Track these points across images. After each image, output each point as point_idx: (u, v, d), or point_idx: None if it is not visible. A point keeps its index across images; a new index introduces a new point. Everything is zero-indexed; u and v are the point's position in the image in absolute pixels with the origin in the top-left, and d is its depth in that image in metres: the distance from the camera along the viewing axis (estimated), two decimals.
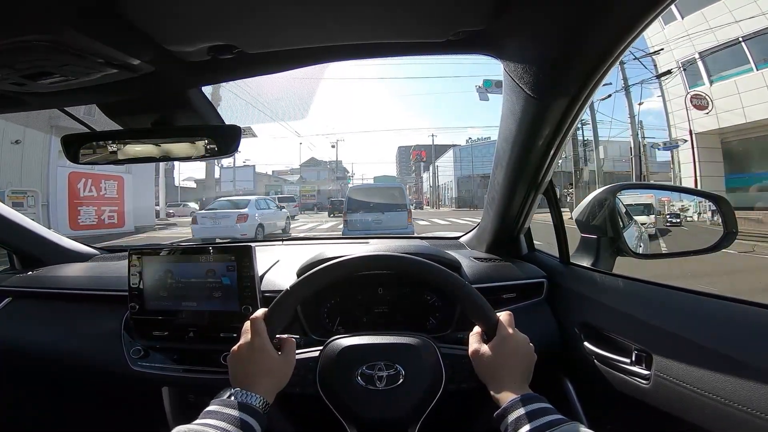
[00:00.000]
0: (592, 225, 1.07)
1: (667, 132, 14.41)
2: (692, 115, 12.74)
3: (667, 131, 14.17)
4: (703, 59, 12.63)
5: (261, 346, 0.65)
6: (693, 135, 12.89)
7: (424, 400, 0.72)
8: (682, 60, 13.06)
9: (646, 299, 0.82)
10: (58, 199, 10.58)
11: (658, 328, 0.74)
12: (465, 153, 39.71)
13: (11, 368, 1.17)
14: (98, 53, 0.55)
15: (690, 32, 12.24)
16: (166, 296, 0.96)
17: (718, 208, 1.00)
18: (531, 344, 0.70)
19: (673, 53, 13.06)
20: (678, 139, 13.61)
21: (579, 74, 0.61)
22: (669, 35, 12.85)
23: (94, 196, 11.42)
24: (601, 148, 16.21)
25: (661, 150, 14.69)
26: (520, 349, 0.68)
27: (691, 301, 0.75)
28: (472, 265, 1.09)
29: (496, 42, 0.63)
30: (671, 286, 0.81)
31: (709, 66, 12.61)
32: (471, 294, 0.71)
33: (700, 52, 12.57)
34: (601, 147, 16.15)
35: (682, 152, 13.57)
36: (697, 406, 0.63)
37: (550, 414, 0.58)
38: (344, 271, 0.73)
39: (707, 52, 12.41)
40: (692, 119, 12.79)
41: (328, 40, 0.63)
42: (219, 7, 0.52)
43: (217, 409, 0.59)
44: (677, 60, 13.14)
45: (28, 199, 9.49)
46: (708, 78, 12.66)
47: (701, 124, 12.71)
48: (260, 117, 1.10)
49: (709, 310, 0.72)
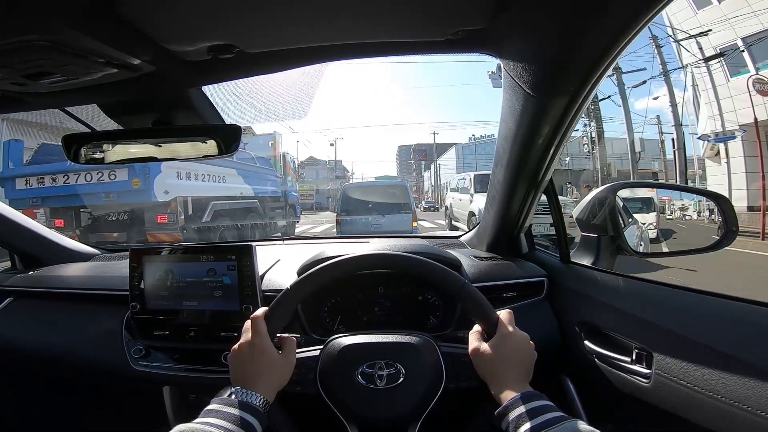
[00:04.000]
0: (592, 224, 1.07)
1: (701, 123, 13.05)
2: (755, 100, 11.27)
3: (719, 121, 12.44)
4: (748, 45, 11.60)
5: (261, 345, 0.66)
6: (758, 124, 11.38)
7: (424, 399, 0.73)
8: (721, 46, 11.98)
9: (647, 298, 0.82)
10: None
11: (658, 326, 0.74)
12: (468, 151, 38.60)
13: (13, 368, 1.18)
14: (98, 53, 0.56)
15: (729, 17, 11.28)
16: (167, 296, 0.96)
17: (719, 207, 1.00)
18: (531, 342, 0.70)
19: (709, 39, 12.01)
20: (734, 129, 12.02)
21: (578, 73, 0.61)
22: (703, 20, 11.93)
23: None
24: (638, 141, 14.48)
25: (711, 141, 12.85)
26: (520, 347, 0.68)
27: (692, 300, 0.75)
28: (473, 264, 1.09)
29: (496, 41, 0.63)
30: (672, 285, 0.81)
31: (754, 53, 11.60)
32: (471, 292, 0.71)
33: (743, 38, 11.57)
34: (637, 139, 14.47)
35: (732, 145, 12.23)
36: (698, 404, 0.64)
37: (551, 411, 0.58)
38: (344, 270, 0.74)
39: (754, 37, 11.32)
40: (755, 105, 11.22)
41: (327, 40, 0.63)
42: (219, 6, 0.52)
43: (217, 407, 0.59)
44: (714, 46, 12.10)
45: None
46: (754, 65, 11.67)
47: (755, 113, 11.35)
48: (259, 116, 1.10)
49: (710, 309, 0.72)
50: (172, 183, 6.45)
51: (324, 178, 41.78)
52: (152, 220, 6.42)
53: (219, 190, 7.76)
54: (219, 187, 7.79)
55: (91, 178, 6.10)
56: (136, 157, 0.82)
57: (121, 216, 6.64)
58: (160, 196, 6.17)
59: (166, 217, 6.44)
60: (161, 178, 6.20)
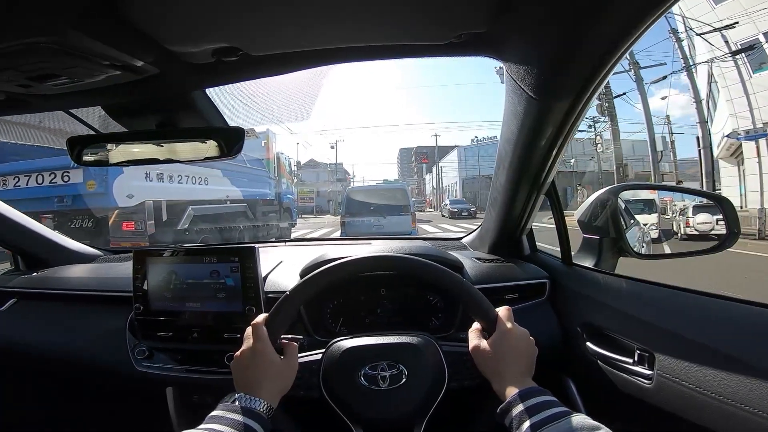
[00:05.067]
0: (594, 225, 1.07)
1: (717, 122, 12.11)
2: None
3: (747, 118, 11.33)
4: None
5: (263, 352, 0.66)
6: None
7: (428, 399, 0.73)
8: (741, 41, 11.34)
9: (649, 299, 0.82)
10: None
11: (660, 328, 0.74)
12: (470, 153, 37.27)
13: (16, 368, 1.18)
14: (102, 55, 0.56)
15: (749, 11, 10.68)
16: (171, 297, 0.96)
17: (721, 209, 1.00)
18: (531, 338, 0.70)
19: (729, 34, 11.35)
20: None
21: (580, 75, 0.61)
22: (721, 15, 11.34)
23: None
24: (659, 139, 13.84)
25: (742, 140, 11.78)
26: (520, 343, 0.68)
27: (693, 302, 0.75)
28: (475, 266, 1.09)
29: (498, 44, 0.63)
30: (673, 287, 0.81)
31: None
32: (469, 291, 0.72)
33: (766, 32, 10.92)
34: (659, 137, 13.79)
35: (747, 145, 11.51)
36: (700, 405, 0.64)
37: (554, 407, 0.58)
38: (344, 273, 0.74)
39: None
40: None
41: (330, 43, 0.63)
42: (222, 9, 0.52)
43: (221, 413, 0.59)
44: (735, 41, 11.47)
45: None
46: None
47: None
48: (262, 119, 1.10)
49: (711, 311, 0.72)
50: (139, 185, 5.71)
51: (325, 181, 41.06)
52: (117, 227, 5.64)
53: (200, 192, 6.99)
54: (200, 190, 7.03)
55: (42, 180, 5.36)
56: (140, 159, 0.83)
57: (85, 223, 5.70)
58: (121, 201, 5.43)
59: (133, 224, 5.64)
60: (123, 180, 5.44)
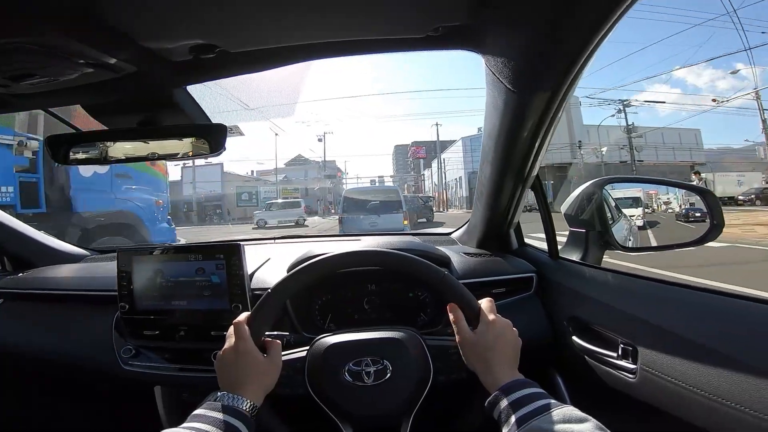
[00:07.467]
0: (580, 219, 1.08)
1: None
2: None
3: None
4: None
5: (245, 350, 0.66)
6: None
7: (414, 393, 0.73)
8: None
9: (633, 292, 0.83)
10: None
11: (643, 321, 0.74)
12: (476, 143, 35.85)
13: (2, 369, 1.17)
14: (77, 53, 0.56)
15: None
16: (157, 296, 0.96)
17: (705, 202, 1.01)
18: (515, 329, 0.70)
19: None
20: None
21: (559, 67, 0.61)
22: None
23: None
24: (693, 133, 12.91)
25: None
26: (505, 334, 0.68)
27: (677, 294, 0.75)
28: (462, 260, 1.09)
29: (476, 37, 0.63)
30: (658, 280, 0.81)
31: None
32: (451, 283, 0.72)
33: None
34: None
35: None
36: (682, 400, 0.64)
37: (542, 398, 0.58)
38: (325, 269, 0.73)
39: None
40: None
41: (307, 38, 0.63)
42: (196, 5, 0.52)
43: (203, 412, 0.59)
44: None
45: None
46: None
47: None
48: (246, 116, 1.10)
49: (694, 303, 0.72)
50: None
51: (314, 178, 38.56)
52: None
53: None
54: None
55: None
56: (123, 157, 0.82)
57: None
58: None
59: None
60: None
